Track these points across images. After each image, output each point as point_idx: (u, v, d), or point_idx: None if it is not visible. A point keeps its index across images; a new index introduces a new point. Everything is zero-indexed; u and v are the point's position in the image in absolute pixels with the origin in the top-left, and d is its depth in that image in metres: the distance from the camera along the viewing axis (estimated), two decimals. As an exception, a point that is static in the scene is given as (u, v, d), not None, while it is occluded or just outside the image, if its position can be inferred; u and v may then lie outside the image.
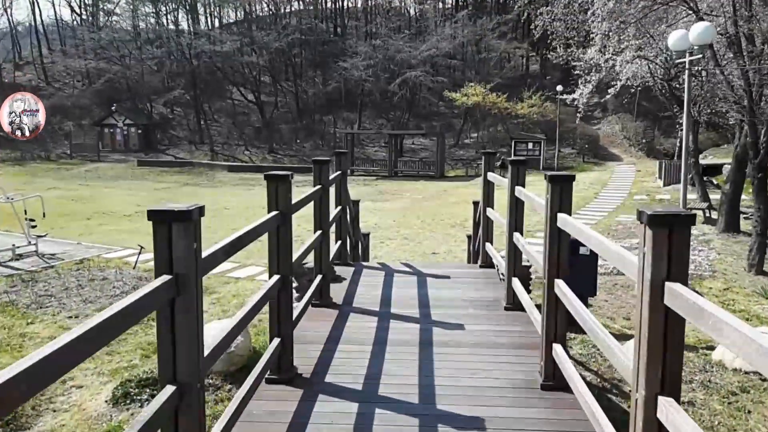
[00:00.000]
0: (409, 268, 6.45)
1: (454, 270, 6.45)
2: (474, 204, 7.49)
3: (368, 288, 5.74)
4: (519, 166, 5.87)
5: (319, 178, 5.91)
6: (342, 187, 6.32)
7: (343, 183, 6.31)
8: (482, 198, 6.35)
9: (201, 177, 33.34)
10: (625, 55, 18.67)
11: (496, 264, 5.95)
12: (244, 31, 46.97)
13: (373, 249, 14.29)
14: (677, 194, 22.34)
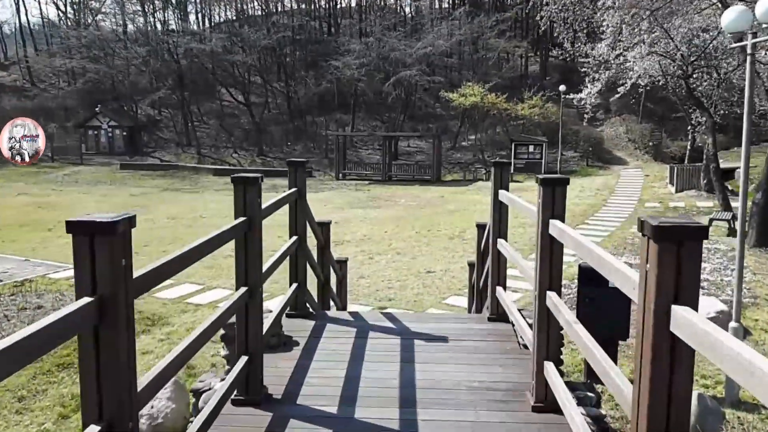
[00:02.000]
0: (392, 322, 4.65)
1: (454, 326, 4.57)
2: (479, 228, 5.80)
3: (328, 364, 3.89)
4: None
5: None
6: (299, 211, 4.63)
7: (301, 205, 4.62)
8: (491, 223, 4.66)
9: (184, 181, 31.60)
10: (639, 50, 17.05)
11: (512, 320, 4.25)
12: (234, 30, 45.24)
13: (361, 266, 12.63)
14: (692, 201, 20.73)
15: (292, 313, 4.64)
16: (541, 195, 3.26)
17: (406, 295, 10.61)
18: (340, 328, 4.39)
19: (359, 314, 4.96)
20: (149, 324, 9.50)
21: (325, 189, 29.17)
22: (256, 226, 3.45)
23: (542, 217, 3.24)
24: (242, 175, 3.46)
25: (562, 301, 3.10)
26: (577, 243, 2.76)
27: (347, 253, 13.93)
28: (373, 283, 11.35)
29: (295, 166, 4.56)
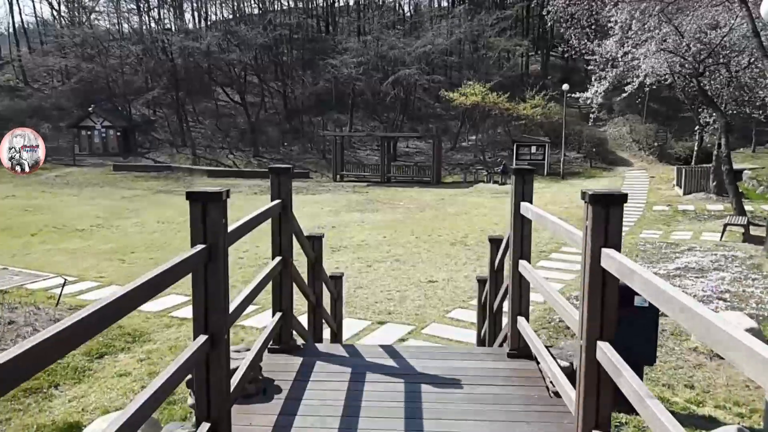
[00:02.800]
0: (393, 359, 3.86)
1: (467, 365, 3.69)
2: (492, 243, 5.07)
3: (315, 421, 3.07)
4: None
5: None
6: (283, 227, 3.90)
7: (286, 219, 3.89)
8: (511, 240, 3.93)
9: (178, 183, 30.84)
10: (648, 47, 16.35)
11: (537, 358, 3.51)
12: (229, 28, 44.47)
13: (358, 275, 11.91)
14: (701, 204, 20.02)
15: (276, 347, 3.90)
16: (591, 217, 2.50)
17: (406, 307, 9.88)
18: (332, 368, 3.65)
19: (355, 348, 4.22)
20: (129, 341, 8.76)
21: (322, 191, 28.43)
22: (219, 254, 2.64)
23: (591, 246, 2.50)
24: (201, 189, 2.70)
25: (620, 358, 2.37)
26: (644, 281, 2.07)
27: (344, 260, 13.22)
28: (371, 294, 10.63)
29: (277, 174, 3.83)
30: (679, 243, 14.02)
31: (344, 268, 12.40)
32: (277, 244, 3.90)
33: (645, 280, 2.03)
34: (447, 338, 8.47)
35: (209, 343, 2.59)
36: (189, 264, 2.45)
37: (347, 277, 11.75)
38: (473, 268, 12.27)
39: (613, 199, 2.49)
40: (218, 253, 2.62)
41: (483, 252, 13.76)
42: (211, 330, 2.60)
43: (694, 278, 10.98)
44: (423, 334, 8.65)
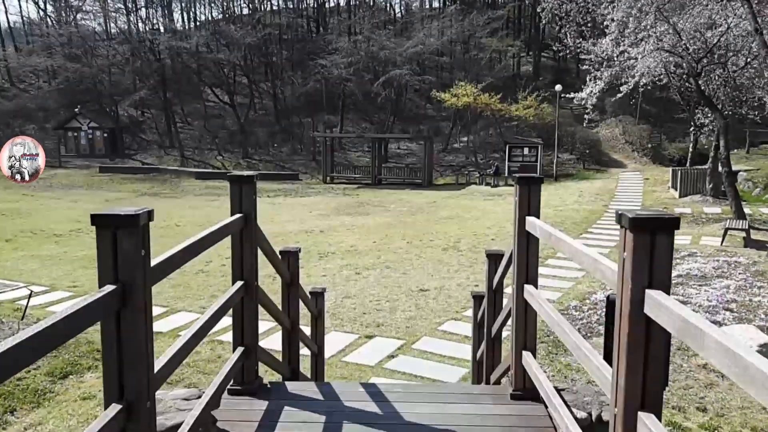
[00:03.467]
0: (376, 402, 3.23)
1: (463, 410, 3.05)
2: (490, 258, 4.53)
3: None
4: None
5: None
6: (245, 245, 3.33)
7: (248, 236, 3.32)
8: (514, 262, 3.38)
9: (164, 185, 30.16)
10: (645, 46, 15.89)
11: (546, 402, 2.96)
12: (218, 28, 43.80)
13: (346, 283, 11.35)
14: (698, 207, 19.59)
15: (237, 388, 3.33)
16: (632, 248, 1.89)
17: (396, 319, 9.33)
18: (304, 415, 3.07)
19: (332, 387, 3.64)
20: (98, 357, 8.15)
21: (311, 193, 27.86)
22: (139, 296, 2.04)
23: (631, 286, 1.89)
24: (113, 212, 2.06)
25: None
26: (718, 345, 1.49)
27: (332, 267, 12.67)
28: (359, 304, 10.07)
29: (238, 182, 3.26)
30: (679, 248, 13.55)
31: (332, 276, 11.86)
32: (238, 267, 3.34)
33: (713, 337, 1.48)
34: (439, 354, 7.92)
35: (125, 414, 2.00)
36: (90, 313, 1.82)
37: (334, 285, 11.21)
38: (466, 276, 11.75)
39: (660, 223, 1.90)
40: (138, 295, 2.02)
41: (476, 258, 13.25)
42: (128, 398, 2.02)
43: (698, 286, 10.50)
44: (413, 349, 8.10)
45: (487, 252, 4.57)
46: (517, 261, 3.30)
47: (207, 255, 14.54)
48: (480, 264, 12.75)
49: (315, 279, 11.62)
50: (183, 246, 2.55)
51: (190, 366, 7.78)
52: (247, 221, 3.32)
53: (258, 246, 3.64)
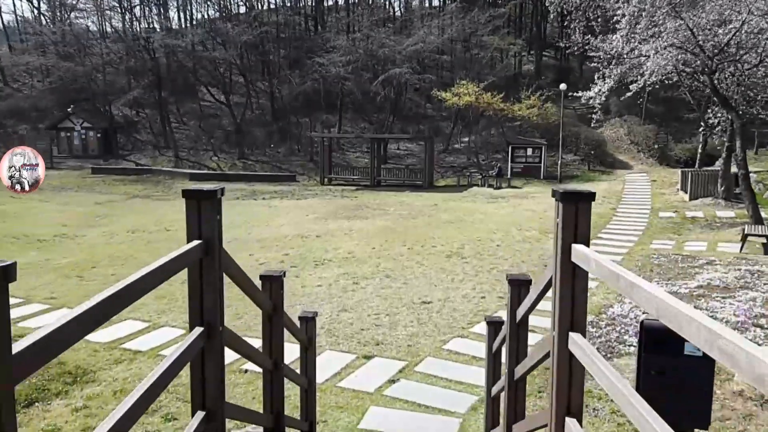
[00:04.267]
0: None
1: None
2: (512, 284, 3.76)
3: None
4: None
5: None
6: (205, 281, 2.54)
7: (210, 268, 2.53)
8: (557, 305, 2.60)
9: (157, 187, 29.37)
10: (657, 43, 15.13)
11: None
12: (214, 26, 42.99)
13: (343, 294, 10.57)
14: (710, 211, 18.83)
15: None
16: None
17: (397, 336, 8.56)
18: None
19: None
20: (69, 381, 7.42)
21: (308, 195, 27.07)
22: None
23: None
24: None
25: None
26: None
27: (328, 276, 11.89)
28: (357, 319, 9.29)
29: (196, 199, 2.49)
30: (696, 255, 12.79)
31: (327, 286, 11.09)
32: (197, 308, 2.57)
33: None
34: (445, 378, 7.14)
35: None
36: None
37: (330, 297, 10.44)
38: (471, 286, 10.98)
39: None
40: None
41: (481, 266, 12.49)
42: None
43: (721, 299, 9.73)
44: (417, 372, 7.32)
45: (510, 277, 3.78)
46: (559, 302, 2.53)
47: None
48: (485, 273, 11.99)
49: (310, 289, 10.86)
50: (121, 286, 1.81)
51: (169, 392, 7.01)
52: (209, 249, 2.55)
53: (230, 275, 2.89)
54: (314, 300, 10.21)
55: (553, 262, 2.62)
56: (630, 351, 7.78)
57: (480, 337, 8.45)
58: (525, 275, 3.81)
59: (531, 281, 3.75)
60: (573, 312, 2.52)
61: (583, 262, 2.39)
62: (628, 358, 7.63)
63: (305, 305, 9.90)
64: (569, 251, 2.49)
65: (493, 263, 12.76)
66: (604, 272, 2.16)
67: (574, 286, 2.51)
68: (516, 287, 3.75)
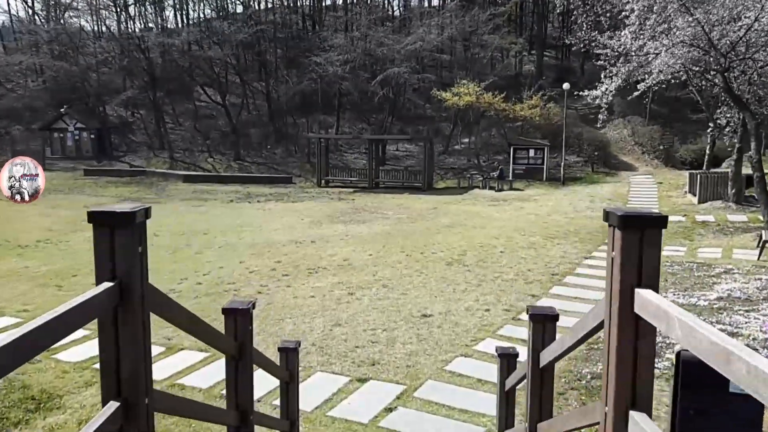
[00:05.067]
0: None
1: None
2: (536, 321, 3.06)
3: None
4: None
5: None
6: (122, 343, 1.83)
7: (131, 318, 1.82)
8: (607, 377, 1.91)
9: (150, 189, 28.64)
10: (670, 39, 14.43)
11: None
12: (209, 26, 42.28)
13: (337, 306, 9.84)
14: (721, 215, 18.11)
15: None
16: None
17: (395, 354, 7.84)
18: None
19: None
20: (32, 408, 6.72)
21: (304, 198, 26.35)
22: None
23: None
24: None
25: None
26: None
27: (322, 285, 11.16)
28: (351, 335, 8.57)
29: (108, 226, 1.79)
30: (711, 263, 12.10)
31: (321, 297, 10.37)
32: (112, 375, 1.84)
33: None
34: (448, 405, 6.41)
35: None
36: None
37: (323, 309, 9.71)
38: (474, 297, 10.26)
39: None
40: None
41: (484, 275, 11.78)
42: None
43: (745, 312, 9.02)
44: (416, 398, 6.60)
45: (532, 311, 3.06)
46: (615, 368, 1.81)
47: (182, 270, 13.08)
48: (489, 282, 11.28)
49: (302, 301, 10.14)
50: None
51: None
52: (126, 293, 1.82)
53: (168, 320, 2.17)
54: (306, 313, 9.49)
55: (605, 309, 1.90)
56: (656, 373, 7.09)
57: (485, 356, 7.75)
58: (550, 309, 3.09)
59: (557, 317, 3.03)
60: (635, 383, 1.80)
61: (653, 317, 1.68)
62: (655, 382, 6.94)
63: (296, 318, 9.20)
64: (631, 298, 1.77)
65: (496, 272, 12.04)
66: (700, 343, 1.44)
67: (637, 347, 1.80)
68: (539, 323, 3.03)
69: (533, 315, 3.04)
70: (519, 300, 10.03)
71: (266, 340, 8.34)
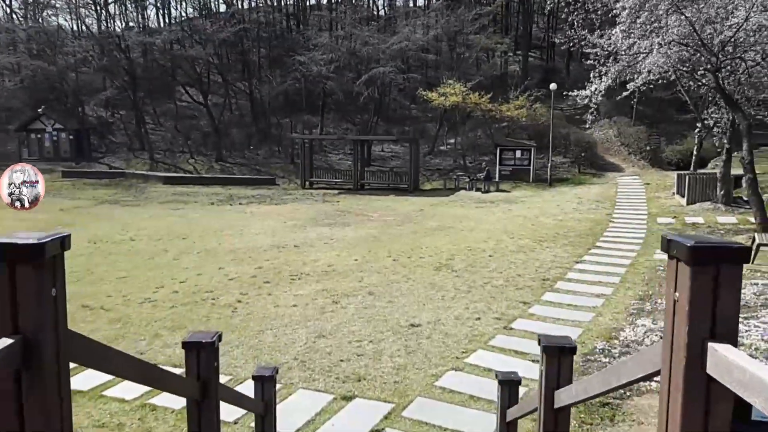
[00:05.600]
0: None
1: None
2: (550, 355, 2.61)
3: None
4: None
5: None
6: (28, 423, 1.37)
7: (35, 391, 1.36)
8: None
9: (129, 191, 27.92)
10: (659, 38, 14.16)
11: None
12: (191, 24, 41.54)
13: (321, 316, 9.37)
14: (711, 217, 17.89)
15: None
16: None
17: (381, 368, 7.39)
18: None
19: None
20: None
21: (288, 200, 25.81)
22: None
23: None
24: None
25: None
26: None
27: (305, 293, 10.68)
28: (336, 347, 8.11)
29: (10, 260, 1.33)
30: (705, 267, 11.77)
31: (303, 306, 9.89)
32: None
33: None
34: (439, 426, 5.99)
35: None
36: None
37: (306, 320, 9.23)
38: (464, 305, 9.85)
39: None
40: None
41: (473, 280, 11.38)
42: None
43: (744, 320, 8.70)
44: (405, 418, 6.16)
45: (546, 344, 2.63)
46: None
47: (158, 277, 12.51)
48: (478, 288, 10.88)
49: (283, 310, 9.65)
50: None
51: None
52: (32, 353, 1.36)
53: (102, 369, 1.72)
54: (287, 323, 9.02)
55: (662, 361, 1.47)
56: (652, 387, 6.70)
57: (477, 369, 7.34)
58: (567, 340, 2.65)
59: (575, 349, 2.61)
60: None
61: (738, 385, 1.25)
62: (650, 397, 6.55)
63: (277, 330, 8.72)
64: (702, 354, 1.34)
65: (486, 277, 11.64)
66: None
67: (707, 420, 1.37)
68: (553, 357, 2.60)
69: (547, 347, 2.61)
70: (510, 308, 9.64)
71: (245, 353, 7.86)
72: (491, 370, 7.27)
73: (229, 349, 8.03)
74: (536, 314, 9.30)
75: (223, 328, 8.80)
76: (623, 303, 9.72)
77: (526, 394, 6.19)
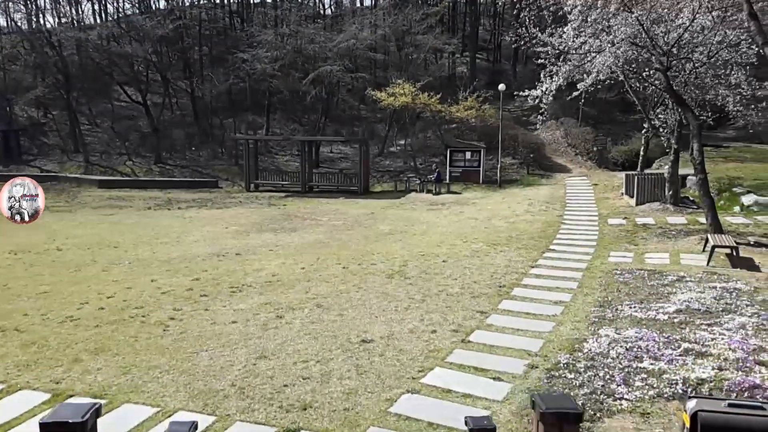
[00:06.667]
0: None
1: None
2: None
3: None
4: None
5: None
6: None
7: None
8: None
9: (60, 196, 26.18)
10: (610, 37, 13.93)
11: None
12: (126, 20, 39.66)
13: (263, 333, 8.56)
14: (660, 217, 17.86)
15: None
16: None
17: (330, 393, 6.64)
18: None
19: None
20: None
21: (231, 204, 24.68)
22: None
23: None
24: None
25: None
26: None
27: (246, 306, 9.82)
28: (279, 369, 7.32)
29: None
30: (662, 270, 11.55)
31: (244, 322, 9.03)
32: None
33: None
34: (395, 463, 5.29)
35: None
36: None
37: (246, 338, 8.36)
38: (419, 316, 9.21)
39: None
40: None
41: (428, 288, 10.76)
42: None
43: (707, 327, 8.38)
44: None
45: (544, 410, 1.92)
46: None
47: (84, 292, 11.34)
48: (433, 297, 10.27)
49: (221, 328, 8.77)
50: None
51: None
52: None
53: None
54: (225, 343, 8.16)
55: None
56: (623, 407, 6.19)
57: (435, 390, 6.69)
58: (571, 404, 1.99)
59: (581, 416, 1.95)
60: None
61: None
62: (622, 418, 6.05)
63: (213, 350, 7.85)
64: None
65: (441, 284, 11.05)
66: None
67: None
68: (553, 426, 1.93)
69: (545, 414, 1.95)
70: (467, 318, 9.06)
71: (176, 380, 6.98)
72: (450, 392, 6.65)
73: (158, 374, 7.14)
74: (494, 324, 8.75)
75: (152, 350, 7.89)
76: (583, 310, 9.28)
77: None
